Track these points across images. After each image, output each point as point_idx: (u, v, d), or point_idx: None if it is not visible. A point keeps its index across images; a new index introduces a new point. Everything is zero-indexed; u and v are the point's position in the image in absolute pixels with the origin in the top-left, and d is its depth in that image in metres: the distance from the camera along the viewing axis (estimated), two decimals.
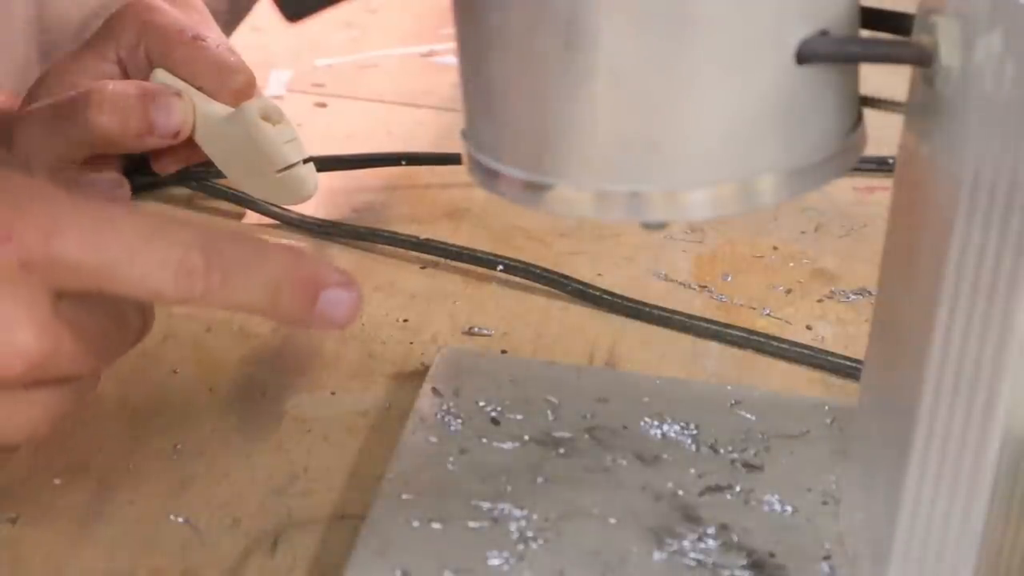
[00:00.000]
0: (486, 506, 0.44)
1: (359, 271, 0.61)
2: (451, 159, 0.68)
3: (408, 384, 0.52)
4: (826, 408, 0.50)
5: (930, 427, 0.36)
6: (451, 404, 0.50)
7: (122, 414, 0.50)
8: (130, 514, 0.45)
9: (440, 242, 0.62)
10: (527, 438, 0.48)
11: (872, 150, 0.39)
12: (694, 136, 0.35)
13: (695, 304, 0.59)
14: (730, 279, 0.61)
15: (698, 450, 0.48)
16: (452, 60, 0.69)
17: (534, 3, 0.34)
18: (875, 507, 0.40)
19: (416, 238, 0.63)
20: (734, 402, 0.50)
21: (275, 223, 0.65)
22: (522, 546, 0.43)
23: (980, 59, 0.33)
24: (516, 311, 0.58)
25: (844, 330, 0.58)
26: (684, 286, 0.61)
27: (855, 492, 0.43)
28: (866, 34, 0.37)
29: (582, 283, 0.59)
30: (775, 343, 0.56)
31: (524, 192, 0.37)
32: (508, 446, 0.48)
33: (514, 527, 0.44)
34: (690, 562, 0.42)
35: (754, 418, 0.50)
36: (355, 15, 0.93)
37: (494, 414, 0.49)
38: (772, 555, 0.43)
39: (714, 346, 0.56)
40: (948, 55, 0.35)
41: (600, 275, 0.61)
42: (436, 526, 0.43)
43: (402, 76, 0.84)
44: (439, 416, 0.49)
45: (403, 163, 0.70)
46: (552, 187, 0.36)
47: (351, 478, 0.47)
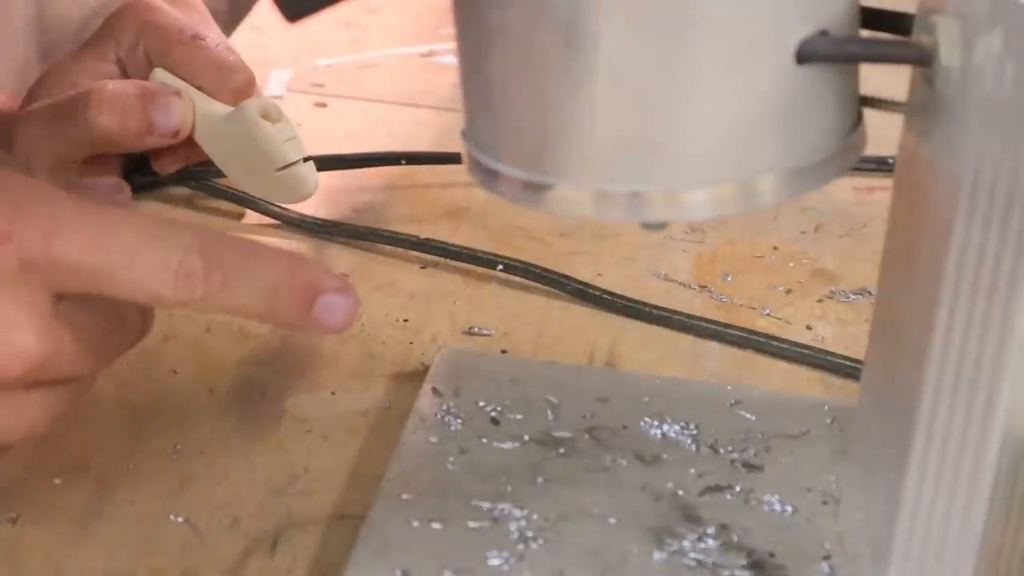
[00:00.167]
0: (486, 506, 0.44)
1: (359, 271, 0.61)
2: (451, 159, 0.68)
3: (408, 384, 0.52)
4: (826, 408, 0.50)
5: (930, 427, 0.36)
6: (451, 404, 0.49)
7: (122, 414, 0.50)
8: (130, 514, 0.45)
9: (440, 242, 0.62)
10: (527, 438, 0.48)
11: (872, 150, 0.39)
12: (694, 136, 0.35)
13: (695, 304, 0.59)
14: (730, 279, 0.61)
15: (698, 450, 0.48)
16: (452, 60, 0.69)
17: (534, 3, 0.34)
18: (875, 507, 0.40)
19: (416, 238, 0.63)
20: (734, 402, 0.50)
21: (275, 223, 0.65)
22: (522, 546, 0.43)
23: (980, 59, 0.33)
24: (516, 311, 0.58)
25: (844, 330, 0.58)
26: (684, 286, 0.61)
27: (855, 492, 0.43)
28: (866, 34, 0.37)
29: (582, 283, 0.59)
30: (775, 343, 0.56)
31: (524, 192, 0.37)
32: (508, 446, 0.48)
33: (514, 527, 0.44)
34: (690, 562, 0.42)
35: (754, 418, 0.50)
36: (355, 15, 0.93)
37: (494, 414, 0.49)
38: (772, 555, 0.43)
39: (714, 346, 0.56)
40: (948, 55, 0.35)
41: (600, 275, 0.61)
42: (436, 526, 0.43)
43: (402, 76, 0.84)
44: (439, 416, 0.49)
45: (403, 163, 0.70)
46: (552, 187, 0.36)
47: (351, 478, 0.47)
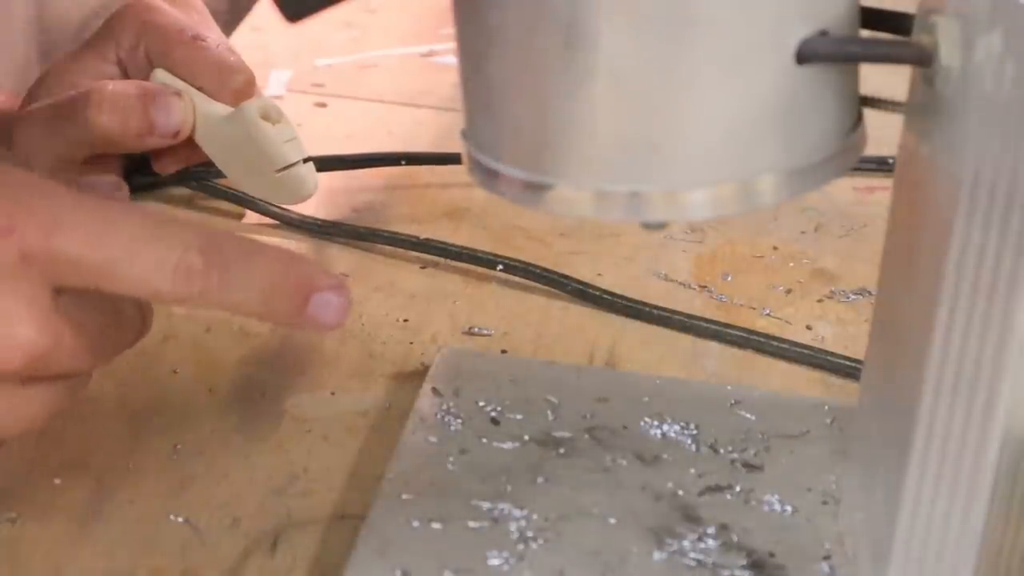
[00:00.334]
0: (486, 506, 0.44)
1: (359, 271, 0.61)
2: (451, 159, 0.68)
3: (408, 384, 0.52)
4: (826, 408, 0.50)
5: (930, 427, 0.36)
6: (451, 404, 0.50)
7: (122, 414, 0.50)
8: (130, 514, 0.45)
9: (440, 242, 0.62)
10: (527, 438, 0.48)
11: (872, 150, 0.39)
12: (694, 136, 0.35)
13: (695, 304, 0.59)
14: (730, 279, 0.61)
15: (698, 450, 0.48)
16: (452, 60, 0.69)
17: (534, 4, 0.34)
18: (875, 507, 0.40)
19: (416, 238, 0.63)
20: (734, 402, 0.50)
21: (275, 223, 0.65)
22: (522, 546, 0.43)
23: (980, 59, 0.33)
24: (516, 311, 0.58)
25: (844, 330, 0.58)
26: (684, 286, 0.61)
27: (855, 492, 0.43)
28: (866, 34, 0.37)
29: (582, 283, 0.59)
30: (775, 343, 0.56)
31: (524, 192, 0.37)
32: (508, 446, 0.48)
33: (514, 527, 0.44)
34: (690, 562, 0.42)
35: (754, 418, 0.50)
36: (355, 15, 0.93)
37: (494, 414, 0.49)
38: (772, 555, 0.43)
39: (714, 346, 0.56)
40: (948, 55, 0.35)
41: (600, 275, 0.61)
42: (436, 526, 0.43)
43: (402, 76, 0.84)
44: (439, 416, 0.49)
45: (403, 163, 0.70)
46: (552, 187, 0.36)
47: (351, 478, 0.47)
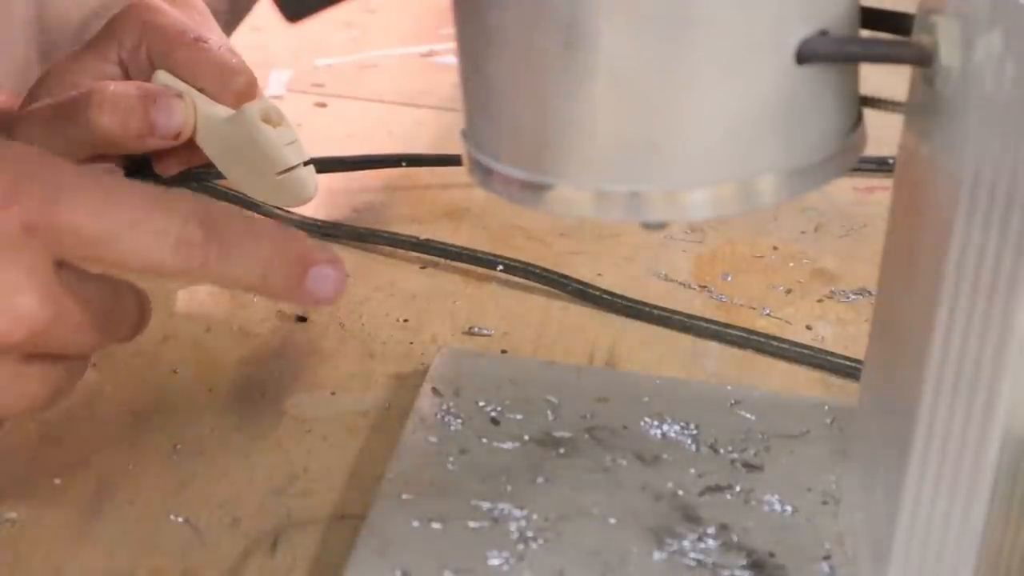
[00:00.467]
0: (486, 506, 0.44)
1: (359, 271, 0.61)
2: (451, 160, 0.68)
3: (408, 384, 0.52)
4: (826, 408, 0.50)
5: (930, 427, 0.36)
6: (451, 404, 0.50)
7: (122, 414, 0.50)
8: (130, 514, 0.45)
9: (440, 242, 0.62)
10: (527, 438, 0.48)
11: (872, 150, 0.39)
12: (694, 136, 0.35)
13: (695, 304, 0.59)
14: (730, 279, 0.61)
15: (698, 450, 0.48)
16: (452, 60, 0.69)
17: (534, 4, 0.34)
18: (875, 507, 0.40)
19: (416, 238, 0.63)
20: (734, 402, 0.50)
21: None
22: (522, 546, 0.43)
23: (980, 59, 0.33)
24: (516, 311, 0.58)
25: (844, 330, 0.58)
26: (684, 286, 0.61)
27: (855, 492, 0.43)
28: (866, 34, 0.37)
29: (582, 283, 0.59)
30: (775, 343, 0.56)
31: (524, 192, 0.37)
32: (508, 446, 0.48)
33: (514, 527, 0.44)
34: (690, 562, 0.42)
35: (754, 418, 0.50)
36: (355, 15, 0.93)
37: (494, 414, 0.49)
38: (772, 555, 0.43)
39: (714, 346, 0.56)
40: (948, 55, 0.35)
41: (600, 275, 0.61)
42: (436, 526, 0.43)
43: (402, 76, 0.84)
44: (439, 416, 0.49)
45: (403, 164, 0.70)
46: (552, 187, 0.36)
47: (351, 478, 0.47)
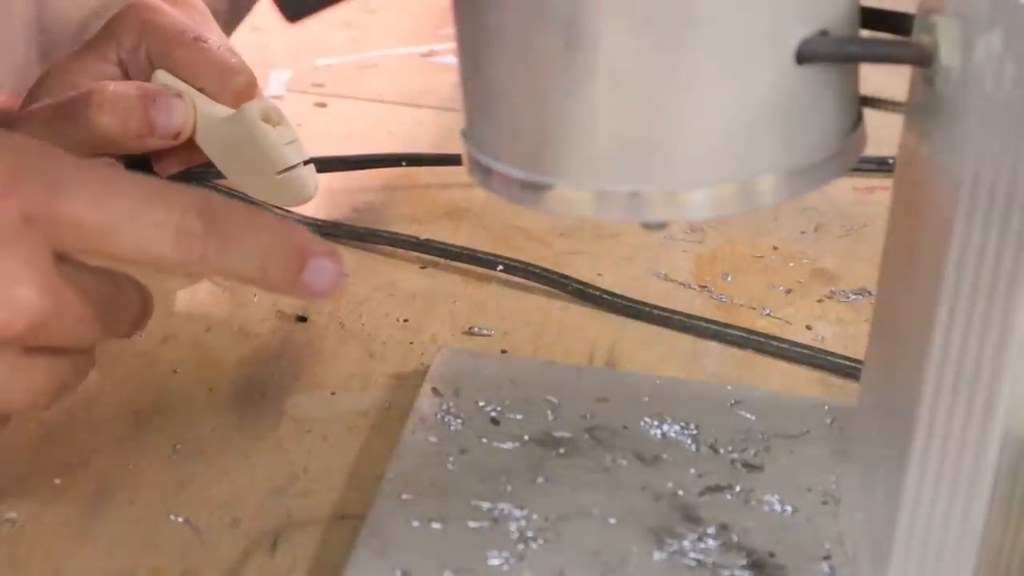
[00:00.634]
0: (486, 506, 0.44)
1: (359, 271, 0.61)
2: (451, 160, 0.68)
3: (408, 384, 0.52)
4: (826, 408, 0.50)
5: (930, 427, 0.36)
6: (451, 404, 0.50)
7: (122, 414, 0.50)
8: (130, 514, 0.45)
9: (440, 242, 0.62)
10: (527, 438, 0.48)
11: (872, 150, 0.39)
12: (694, 136, 0.35)
13: (695, 304, 0.59)
14: (730, 279, 0.61)
15: (698, 450, 0.48)
16: (452, 60, 0.69)
17: (534, 4, 0.34)
18: (875, 507, 0.40)
19: (416, 238, 0.63)
20: (734, 402, 0.50)
21: None
22: (522, 546, 0.43)
23: (980, 59, 0.33)
24: (516, 311, 0.58)
25: (844, 330, 0.58)
26: (684, 286, 0.61)
27: (855, 492, 0.43)
28: (866, 34, 0.37)
29: (582, 283, 0.59)
30: (775, 343, 0.56)
31: (524, 192, 0.37)
32: (508, 446, 0.48)
33: (514, 527, 0.44)
34: (690, 562, 0.42)
35: (754, 418, 0.50)
36: (355, 15, 0.93)
37: (494, 414, 0.49)
38: (772, 555, 0.43)
39: (714, 346, 0.56)
40: (948, 55, 0.35)
41: (600, 275, 0.61)
42: (436, 526, 0.43)
43: (402, 76, 0.84)
44: (439, 416, 0.49)
45: (403, 164, 0.70)
46: (552, 187, 0.36)
47: (351, 478, 0.47)
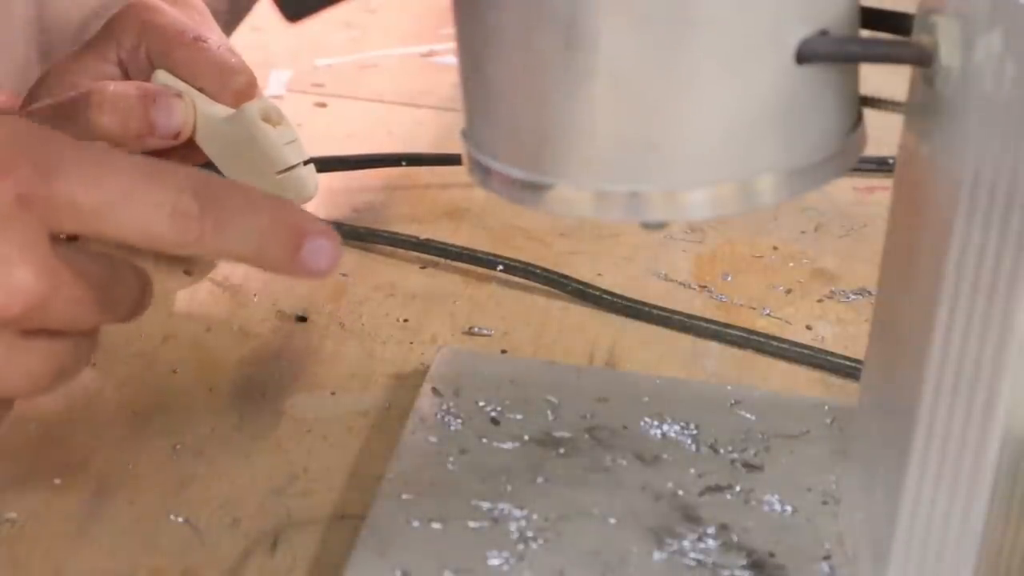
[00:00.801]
0: (486, 506, 0.44)
1: (359, 271, 0.61)
2: (451, 159, 0.68)
3: (408, 384, 0.52)
4: (826, 408, 0.50)
5: (930, 427, 0.36)
6: (451, 404, 0.50)
7: (122, 414, 0.50)
8: (130, 514, 0.45)
9: (440, 242, 0.62)
10: (527, 438, 0.48)
11: (872, 150, 0.39)
12: (694, 136, 0.35)
13: (695, 304, 0.59)
14: (730, 279, 0.61)
15: (698, 450, 0.48)
16: (452, 60, 0.69)
17: (534, 4, 0.34)
18: (875, 507, 0.40)
19: (416, 238, 0.63)
20: (734, 402, 0.50)
21: None
22: (522, 546, 0.43)
23: (980, 59, 0.33)
24: (516, 311, 0.58)
25: (844, 330, 0.58)
26: (684, 286, 0.61)
27: (855, 492, 0.43)
28: (866, 34, 0.37)
29: (582, 283, 0.59)
30: (775, 343, 0.56)
31: (524, 192, 0.37)
32: (508, 446, 0.48)
33: (514, 527, 0.44)
34: (690, 562, 0.42)
35: (754, 418, 0.50)
36: (355, 15, 0.93)
37: (494, 414, 0.49)
38: (772, 555, 0.43)
39: (714, 346, 0.56)
40: (948, 55, 0.35)
41: (600, 275, 0.61)
42: (436, 526, 0.43)
43: (402, 76, 0.84)
44: (439, 416, 0.49)
45: (403, 164, 0.70)
46: (552, 187, 0.36)
47: (351, 478, 0.47)
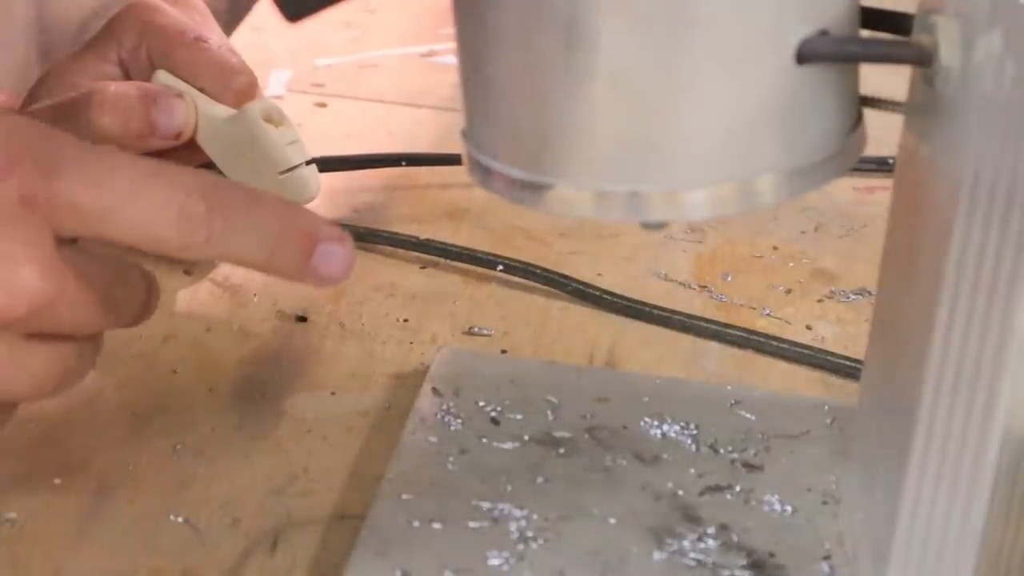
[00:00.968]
0: (486, 506, 0.44)
1: (359, 271, 0.61)
2: (451, 159, 0.68)
3: (408, 384, 0.52)
4: (826, 408, 0.50)
5: (930, 427, 0.36)
6: (451, 404, 0.50)
7: (122, 414, 0.50)
8: (130, 514, 0.45)
9: (440, 242, 0.62)
10: (527, 438, 0.48)
11: (872, 150, 0.39)
12: (694, 136, 0.35)
13: (695, 304, 0.59)
14: (730, 279, 0.61)
15: (698, 450, 0.48)
16: (452, 60, 0.69)
17: (534, 4, 0.34)
18: (875, 507, 0.40)
19: (416, 238, 0.63)
20: (734, 402, 0.50)
21: None
22: (522, 546, 0.43)
23: (980, 59, 0.33)
24: (516, 311, 0.58)
25: (844, 330, 0.58)
26: (684, 286, 0.61)
27: (855, 492, 0.43)
28: (866, 34, 0.37)
29: (582, 283, 0.59)
30: (775, 343, 0.56)
31: (524, 192, 0.37)
32: (508, 446, 0.48)
33: (514, 527, 0.44)
34: (690, 562, 0.42)
35: (754, 418, 0.50)
36: (355, 15, 0.93)
37: (494, 414, 0.49)
38: (772, 555, 0.43)
39: (714, 346, 0.56)
40: (948, 55, 0.35)
41: (600, 275, 0.61)
42: (436, 526, 0.43)
43: (402, 76, 0.84)
44: (439, 416, 0.49)
45: (403, 164, 0.70)
46: (552, 187, 0.36)
47: (351, 478, 0.47)
